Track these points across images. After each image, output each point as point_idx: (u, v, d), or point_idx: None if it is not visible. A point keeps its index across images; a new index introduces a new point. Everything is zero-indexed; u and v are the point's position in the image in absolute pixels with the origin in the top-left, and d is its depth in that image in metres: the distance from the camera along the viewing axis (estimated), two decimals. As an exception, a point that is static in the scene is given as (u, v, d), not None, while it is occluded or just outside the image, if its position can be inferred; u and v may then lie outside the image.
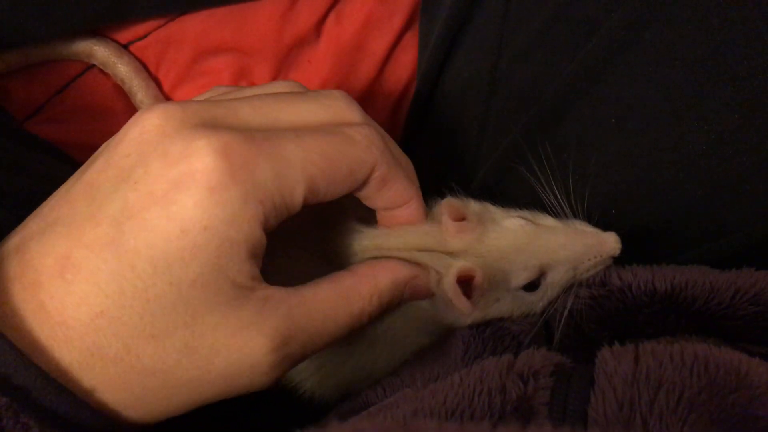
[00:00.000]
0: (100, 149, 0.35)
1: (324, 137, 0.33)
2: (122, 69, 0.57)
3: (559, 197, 0.42)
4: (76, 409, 0.30)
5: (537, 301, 0.41)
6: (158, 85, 0.59)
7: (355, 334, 0.37)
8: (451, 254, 0.40)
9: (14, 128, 0.57)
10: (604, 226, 0.42)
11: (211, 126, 0.32)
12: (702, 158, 0.40)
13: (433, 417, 0.29)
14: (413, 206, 0.38)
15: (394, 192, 0.37)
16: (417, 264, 0.39)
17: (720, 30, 0.38)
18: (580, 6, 0.43)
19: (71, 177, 0.35)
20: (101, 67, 0.57)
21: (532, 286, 0.41)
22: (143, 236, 0.30)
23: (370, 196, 0.37)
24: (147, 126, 0.32)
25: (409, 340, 0.42)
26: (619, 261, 0.41)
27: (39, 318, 0.30)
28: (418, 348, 0.42)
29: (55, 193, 0.34)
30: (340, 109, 0.36)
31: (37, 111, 0.58)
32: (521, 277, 0.40)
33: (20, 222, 0.34)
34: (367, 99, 0.59)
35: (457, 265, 0.39)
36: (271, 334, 0.32)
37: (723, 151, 0.39)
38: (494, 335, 0.39)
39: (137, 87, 0.57)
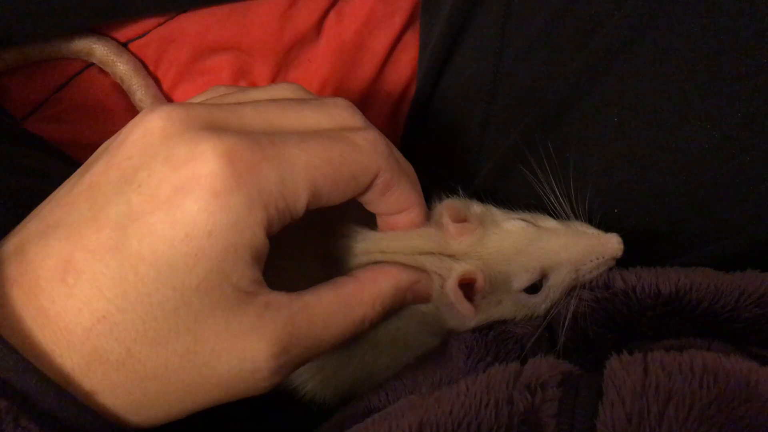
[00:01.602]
0: (100, 150, 0.34)
1: (328, 143, 0.33)
2: (121, 67, 0.57)
3: (561, 198, 0.42)
4: (77, 413, 0.29)
5: (539, 303, 0.41)
6: (157, 83, 0.58)
7: (356, 338, 0.37)
8: (452, 257, 0.40)
9: (13, 127, 0.56)
10: (606, 227, 0.42)
11: (215, 129, 0.31)
12: (705, 157, 0.40)
13: (439, 429, 0.28)
14: (414, 212, 0.39)
15: (396, 198, 0.37)
16: (418, 268, 0.39)
17: (723, 29, 0.37)
18: (583, 5, 0.43)
19: (71, 177, 0.34)
20: (100, 66, 0.57)
21: (534, 288, 0.41)
22: (147, 241, 0.30)
23: (373, 201, 0.37)
24: (150, 128, 0.31)
25: (411, 342, 0.42)
26: (622, 262, 0.41)
27: (39, 322, 0.29)
28: (420, 350, 0.42)
29: (54, 194, 0.34)
30: (342, 116, 0.36)
31: (35, 109, 0.58)
32: (522, 279, 0.40)
33: (19, 221, 0.34)
34: (367, 98, 0.59)
35: (459, 269, 0.39)
36: (273, 340, 0.32)
37: (726, 151, 0.39)
38: (497, 338, 0.39)
39: (136, 85, 0.57)
